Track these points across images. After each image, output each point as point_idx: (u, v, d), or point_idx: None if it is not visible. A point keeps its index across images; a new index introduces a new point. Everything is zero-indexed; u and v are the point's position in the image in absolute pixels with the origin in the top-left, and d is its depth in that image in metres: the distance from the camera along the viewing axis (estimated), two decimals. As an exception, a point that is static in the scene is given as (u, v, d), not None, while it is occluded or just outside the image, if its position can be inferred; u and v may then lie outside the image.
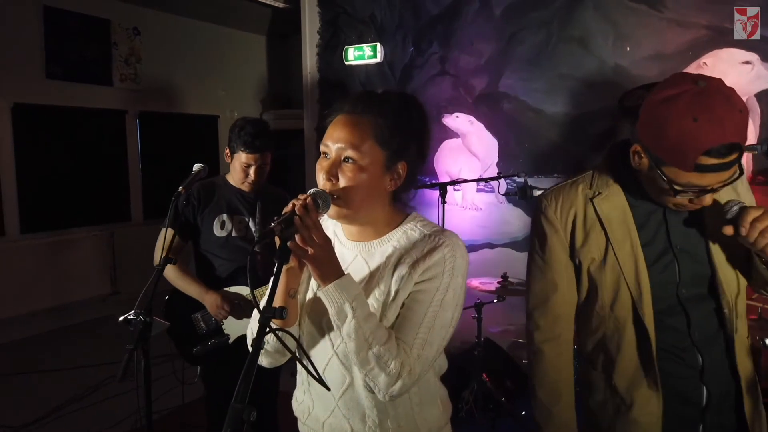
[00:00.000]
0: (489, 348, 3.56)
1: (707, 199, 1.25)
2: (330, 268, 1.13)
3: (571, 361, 1.49)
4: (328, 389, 1.11)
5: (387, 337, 1.15)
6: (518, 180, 2.95)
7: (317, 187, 1.20)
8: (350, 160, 1.18)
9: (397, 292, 1.20)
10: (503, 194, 3.81)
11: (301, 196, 1.14)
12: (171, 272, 2.43)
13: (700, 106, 1.14)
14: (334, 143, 1.20)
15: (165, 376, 2.69)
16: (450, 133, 4.50)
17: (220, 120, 7.23)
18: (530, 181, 3.22)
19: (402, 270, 1.20)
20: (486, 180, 3.41)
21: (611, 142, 3.99)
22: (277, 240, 1.09)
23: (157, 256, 2.45)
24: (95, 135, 6.02)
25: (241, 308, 2.44)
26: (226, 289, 2.47)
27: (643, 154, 1.26)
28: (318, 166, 1.23)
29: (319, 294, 1.14)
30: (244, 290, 2.47)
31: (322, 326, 1.26)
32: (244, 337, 2.46)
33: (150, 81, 6.39)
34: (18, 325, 5.26)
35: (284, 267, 1.11)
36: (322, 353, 1.26)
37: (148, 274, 2.46)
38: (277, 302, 1.13)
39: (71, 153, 5.82)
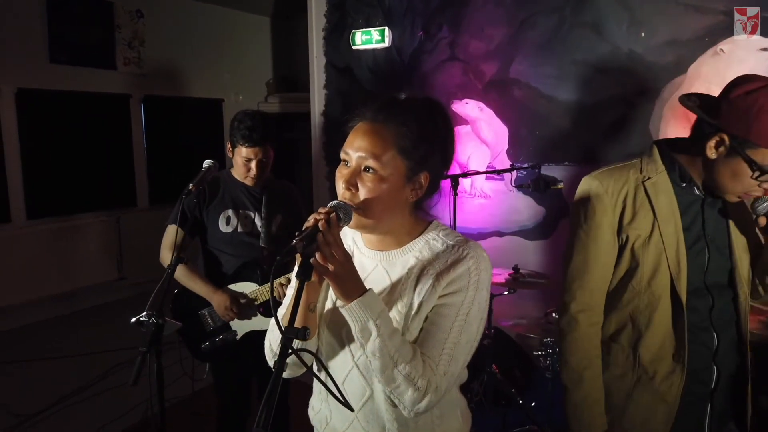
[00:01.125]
0: (499, 338, 3.54)
1: None
2: (352, 285, 1.10)
3: (599, 333, 1.59)
4: (352, 410, 1.08)
5: (412, 354, 1.12)
6: (532, 171, 2.89)
7: (337, 199, 1.16)
8: (371, 170, 1.15)
9: (420, 305, 1.17)
10: (516, 186, 3.76)
11: (322, 210, 1.10)
12: (179, 271, 2.40)
13: None
14: (354, 152, 1.16)
15: (173, 364, 2.66)
16: (459, 120, 4.44)
17: (225, 104, 7.16)
18: (543, 170, 3.16)
19: (425, 282, 1.17)
20: (499, 172, 3.35)
21: (624, 131, 3.92)
22: (297, 257, 1.05)
23: (165, 254, 2.42)
24: (100, 120, 5.96)
25: (249, 308, 2.41)
26: (232, 285, 2.44)
27: (727, 142, 1.38)
28: (338, 174, 1.19)
29: (342, 311, 1.11)
30: (249, 286, 2.44)
31: (342, 337, 1.23)
32: (251, 333, 2.47)
33: (154, 64, 6.31)
34: (25, 312, 5.27)
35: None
36: (342, 365, 1.24)
37: (154, 260, 2.43)
38: (298, 319, 1.10)
39: (76, 138, 5.77)
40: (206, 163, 2.22)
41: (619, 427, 1.55)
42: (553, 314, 3.03)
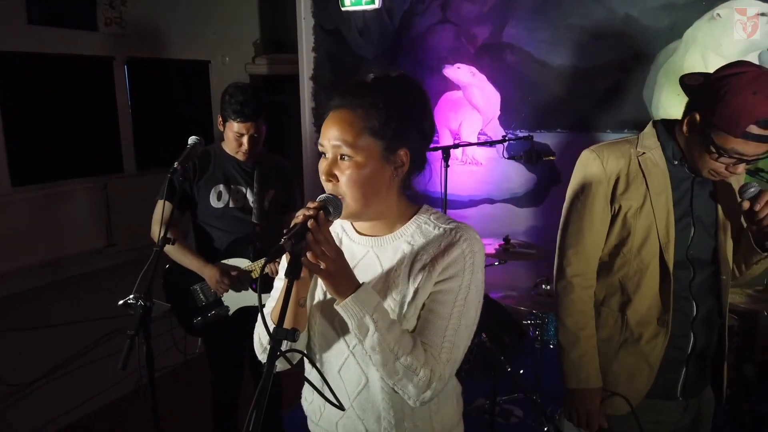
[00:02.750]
0: (488, 305, 3.56)
1: (740, 168, 1.44)
2: (345, 282, 1.08)
3: (593, 297, 1.67)
4: (343, 409, 1.07)
5: (413, 345, 1.11)
6: (525, 142, 2.85)
7: (326, 192, 1.13)
8: (346, 158, 1.12)
9: (416, 292, 1.15)
10: (508, 157, 3.72)
11: (311, 205, 1.07)
12: (169, 247, 2.37)
13: (762, 83, 1.34)
14: (328, 142, 1.14)
15: (164, 333, 2.66)
16: (450, 85, 4.36)
17: (212, 65, 6.99)
18: (536, 137, 3.13)
19: (419, 268, 1.16)
20: (491, 143, 3.30)
21: (618, 98, 3.86)
22: (286, 255, 1.02)
23: (155, 229, 2.38)
24: (82, 83, 5.81)
25: (241, 282, 2.39)
26: (225, 261, 2.42)
27: (698, 120, 1.44)
28: (319, 167, 1.16)
29: (337, 308, 1.09)
30: (242, 262, 2.42)
31: (335, 326, 1.21)
32: (243, 308, 2.46)
33: (136, 25, 6.12)
34: (13, 280, 5.24)
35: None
36: (337, 353, 1.23)
37: (144, 226, 2.39)
38: (287, 319, 1.09)
39: (58, 103, 5.62)
40: (191, 139, 2.16)
41: (604, 385, 1.65)
42: (543, 285, 3.04)
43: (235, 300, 2.44)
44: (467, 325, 1.17)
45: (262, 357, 1.24)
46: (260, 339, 1.23)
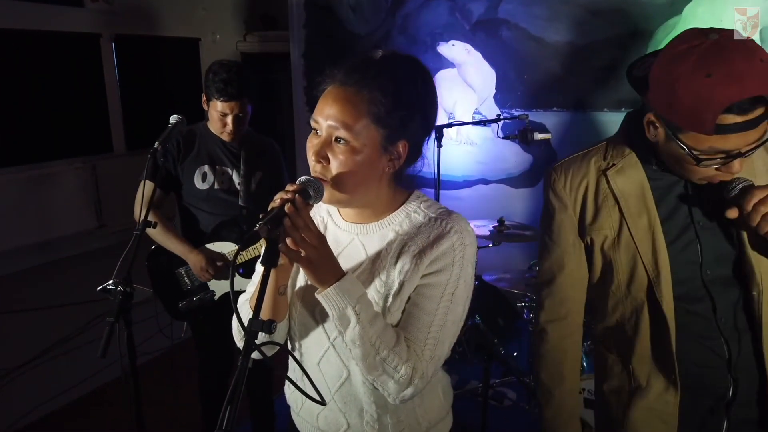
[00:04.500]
0: (482, 288, 3.52)
1: (736, 166, 1.11)
2: (327, 270, 1.02)
3: (578, 345, 1.42)
4: (324, 404, 1.02)
5: (395, 340, 1.05)
6: (520, 121, 2.78)
7: (311, 173, 1.06)
8: (342, 141, 1.04)
9: (402, 284, 1.09)
10: (503, 137, 3.64)
11: (289, 188, 1.00)
12: (153, 230, 2.30)
13: (713, 60, 1.01)
14: (324, 120, 1.05)
15: (149, 318, 2.60)
16: (445, 63, 4.26)
17: (202, 43, 6.84)
18: (532, 116, 3.05)
19: (406, 259, 1.09)
20: (485, 122, 3.22)
21: (615, 76, 3.78)
22: (262, 242, 0.96)
23: (137, 212, 2.31)
24: (69, 61, 5.67)
25: (226, 269, 2.33)
26: (210, 245, 2.35)
27: (658, 124, 1.14)
28: (308, 144, 1.08)
29: (318, 297, 1.03)
30: (227, 246, 2.35)
31: (316, 316, 1.15)
32: (229, 293, 2.40)
33: (124, 1, 5.96)
34: (1, 262, 5.16)
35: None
36: (317, 345, 1.17)
37: (134, 207, 2.32)
38: (265, 308, 1.03)
39: (44, 81, 5.49)
40: (173, 118, 2.08)
41: None
42: (538, 267, 2.99)
43: (221, 285, 2.38)
44: (454, 321, 1.11)
45: (241, 344, 1.19)
46: (238, 327, 1.17)
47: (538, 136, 2.74)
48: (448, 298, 1.09)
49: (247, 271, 2.37)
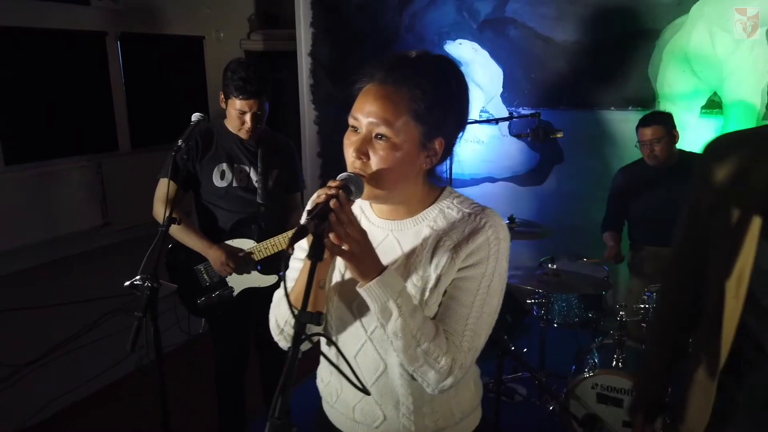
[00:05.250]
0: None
1: None
2: (370, 264, 1.04)
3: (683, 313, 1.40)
4: (368, 393, 1.04)
5: (435, 332, 1.08)
6: (530, 119, 2.80)
7: (347, 170, 1.08)
8: (383, 138, 1.06)
9: (438, 278, 1.11)
10: (514, 135, 3.66)
11: (332, 184, 1.02)
12: (173, 227, 2.32)
13: None
14: (365, 117, 1.07)
15: (166, 311, 2.62)
16: (452, 62, 4.29)
17: (206, 41, 6.85)
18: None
19: (442, 254, 1.12)
20: (498, 121, 3.24)
21: (622, 75, 3.80)
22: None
23: (158, 208, 2.33)
24: (75, 59, 5.67)
25: (246, 263, 2.35)
26: (229, 242, 2.37)
27: None
28: (346, 141, 1.11)
29: (360, 291, 1.05)
30: (246, 243, 2.37)
31: (353, 310, 1.18)
32: (248, 290, 2.42)
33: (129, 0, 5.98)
34: (8, 260, 5.17)
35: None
36: (354, 339, 1.19)
37: (140, 205, 2.33)
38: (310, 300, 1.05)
39: (50, 79, 5.50)
40: (195, 116, 2.10)
41: None
42: (549, 265, 3.02)
43: (239, 281, 2.41)
44: (489, 313, 1.14)
45: (279, 339, 1.21)
46: (277, 321, 1.20)
47: (551, 134, 2.76)
48: (484, 290, 1.12)
49: (265, 267, 2.40)
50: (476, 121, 3.42)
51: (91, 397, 3.31)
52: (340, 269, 1.21)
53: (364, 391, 0.99)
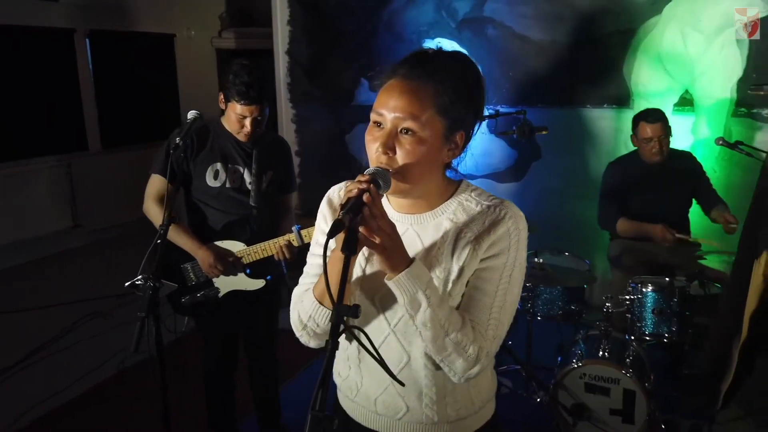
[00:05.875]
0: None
1: None
2: (399, 257, 1.06)
3: None
4: (403, 384, 1.06)
5: (462, 322, 1.11)
6: (517, 117, 2.85)
7: (373, 165, 1.10)
8: (409, 132, 1.08)
9: (461, 270, 1.14)
10: (499, 134, 3.71)
11: (362, 178, 1.03)
12: (161, 221, 2.28)
13: None
14: (390, 112, 1.09)
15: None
16: (431, 60, 4.32)
17: (177, 39, 6.75)
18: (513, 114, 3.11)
19: (464, 246, 1.14)
20: (483, 118, 3.27)
21: (598, 73, 3.89)
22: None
23: (150, 205, 2.30)
24: (42, 57, 5.52)
25: (234, 266, 2.33)
26: (218, 242, 2.35)
27: None
28: (369, 137, 1.12)
29: (389, 283, 1.07)
30: (237, 245, 2.35)
31: (376, 304, 1.19)
32: (233, 291, 2.40)
33: (98, -5, 5.86)
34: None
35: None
36: (378, 331, 1.21)
37: (110, 206, 2.29)
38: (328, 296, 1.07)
39: (17, 77, 5.34)
40: (191, 114, 2.07)
41: None
42: (534, 258, 3.08)
43: (226, 283, 2.38)
44: (512, 302, 1.17)
45: (302, 334, 1.21)
46: (300, 317, 1.20)
47: (537, 131, 2.82)
48: (506, 280, 1.15)
49: (254, 271, 2.38)
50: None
51: (72, 403, 3.22)
52: (360, 264, 1.22)
53: (399, 382, 1.01)
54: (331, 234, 0.94)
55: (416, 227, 1.20)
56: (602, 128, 4.02)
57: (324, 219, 1.28)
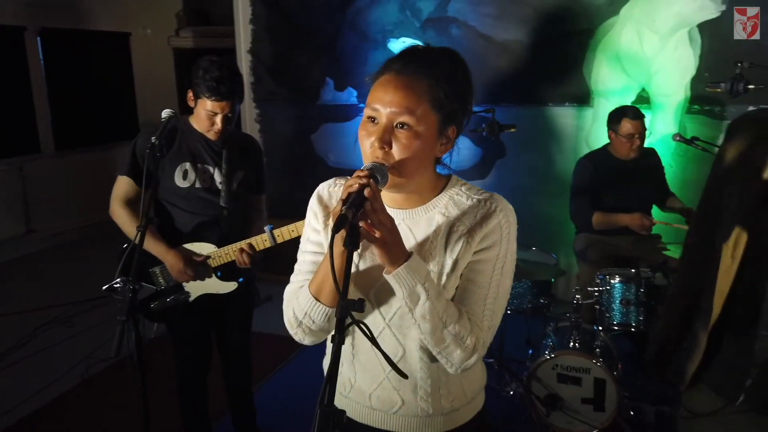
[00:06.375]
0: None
1: None
2: (398, 251, 1.07)
3: None
4: (406, 377, 1.07)
5: (459, 314, 1.13)
6: (485, 115, 2.90)
7: (368, 160, 1.11)
8: (405, 126, 1.09)
9: (455, 262, 1.16)
10: (470, 131, 3.76)
11: (361, 173, 1.04)
12: (130, 227, 2.22)
13: None
14: (385, 107, 1.10)
15: (110, 319, 2.51)
16: (396, 59, 4.35)
17: (133, 38, 6.58)
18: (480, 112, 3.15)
19: (457, 240, 1.16)
20: (472, 114, 3.31)
21: (559, 72, 3.98)
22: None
23: (116, 207, 2.24)
24: (-10, 56, 5.32)
25: (205, 270, 2.29)
26: (188, 245, 2.29)
27: None
28: (363, 132, 1.13)
29: (388, 277, 1.08)
30: (207, 247, 2.30)
31: (370, 299, 1.20)
32: (204, 295, 2.36)
33: (49, -8, 5.66)
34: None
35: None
36: (373, 326, 1.21)
37: (65, 210, 2.22)
38: (328, 291, 1.11)
39: (-37, 77, 5.13)
40: (165, 112, 2.02)
41: None
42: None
43: (197, 286, 2.33)
44: (504, 293, 1.20)
45: (296, 332, 1.21)
46: (295, 314, 1.19)
47: (505, 128, 2.88)
48: (498, 272, 1.17)
49: (225, 274, 2.34)
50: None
51: (36, 414, 3.10)
52: (353, 260, 1.22)
53: (402, 374, 1.02)
54: (337, 229, 0.95)
55: (408, 222, 1.22)
56: (564, 126, 4.12)
57: (315, 216, 1.28)
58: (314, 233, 1.27)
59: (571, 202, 3.35)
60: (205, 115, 2.18)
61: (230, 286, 2.35)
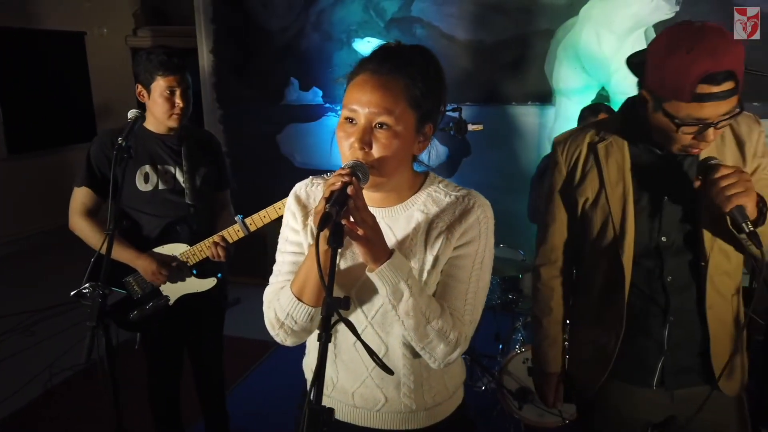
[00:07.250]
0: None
1: (710, 135, 1.29)
2: (381, 248, 1.07)
3: (564, 285, 1.65)
4: (392, 373, 1.07)
5: (441, 309, 1.14)
6: (452, 115, 2.92)
7: (352, 159, 1.10)
8: (385, 126, 1.10)
9: (436, 259, 1.17)
10: (439, 129, 3.77)
11: (343, 172, 1.04)
12: (95, 237, 2.16)
13: (695, 39, 1.23)
14: (363, 107, 1.10)
15: (81, 322, 2.45)
16: (361, 59, 4.35)
17: (88, 38, 6.39)
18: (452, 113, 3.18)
19: (436, 236, 1.17)
20: (445, 111, 3.32)
21: (521, 71, 4.05)
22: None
23: (76, 220, 2.18)
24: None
25: (180, 271, 2.24)
26: (158, 249, 2.24)
27: (648, 98, 1.34)
28: (342, 133, 1.12)
29: (371, 275, 1.08)
30: (179, 248, 2.26)
31: (352, 297, 1.20)
32: (184, 297, 2.32)
33: (-1, -10, 5.46)
34: None
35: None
36: (355, 324, 1.20)
37: (20, 216, 2.14)
38: (310, 291, 1.11)
39: None
40: (132, 113, 1.96)
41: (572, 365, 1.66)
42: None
43: (175, 289, 2.28)
44: (483, 287, 1.22)
45: (278, 333, 1.20)
46: (276, 315, 1.18)
47: (471, 127, 2.90)
48: (478, 266, 1.19)
49: (201, 271, 2.30)
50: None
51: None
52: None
53: (388, 371, 1.03)
54: (322, 227, 0.94)
55: (388, 220, 1.22)
56: (527, 124, 4.20)
57: (293, 216, 1.27)
58: (293, 233, 1.26)
59: (529, 201, 3.35)
60: (163, 98, 2.13)
61: (209, 283, 2.31)
